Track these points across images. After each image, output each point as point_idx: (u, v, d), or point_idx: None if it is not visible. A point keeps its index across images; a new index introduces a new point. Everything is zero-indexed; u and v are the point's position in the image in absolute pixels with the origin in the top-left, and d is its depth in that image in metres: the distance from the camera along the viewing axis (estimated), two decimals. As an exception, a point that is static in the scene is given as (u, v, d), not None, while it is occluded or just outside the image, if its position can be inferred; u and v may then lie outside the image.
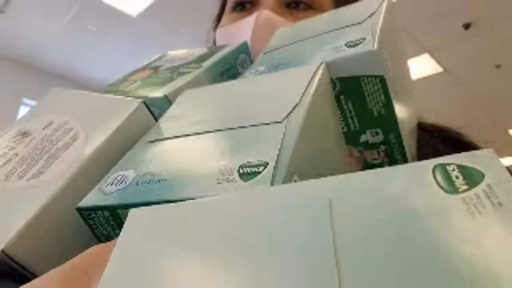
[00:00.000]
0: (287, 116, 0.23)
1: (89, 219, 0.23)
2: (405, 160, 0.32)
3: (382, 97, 0.30)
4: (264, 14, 0.50)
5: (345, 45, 0.30)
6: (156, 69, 0.44)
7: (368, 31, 0.31)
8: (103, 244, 0.19)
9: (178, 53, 0.49)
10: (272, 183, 0.18)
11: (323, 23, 0.37)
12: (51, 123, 0.32)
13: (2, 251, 0.23)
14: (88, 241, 0.25)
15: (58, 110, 0.33)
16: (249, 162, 0.20)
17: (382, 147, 0.32)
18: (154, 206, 0.17)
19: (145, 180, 0.22)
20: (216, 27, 0.63)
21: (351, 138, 0.32)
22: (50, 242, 0.25)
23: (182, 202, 0.17)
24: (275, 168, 0.19)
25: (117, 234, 0.23)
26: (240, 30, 0.52)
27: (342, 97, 0.30)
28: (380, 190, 0.15)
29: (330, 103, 0.29)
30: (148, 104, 0.31)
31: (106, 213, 0.22)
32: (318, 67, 0.28)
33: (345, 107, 0.31)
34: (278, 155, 0.20)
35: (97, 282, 0.15)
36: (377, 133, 0.31)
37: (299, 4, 0.53)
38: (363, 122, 0.31)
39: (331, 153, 0.28)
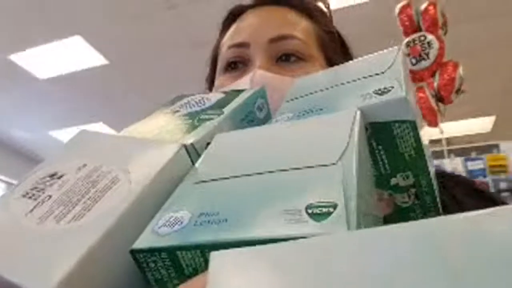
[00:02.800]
0: (340, 158, 0.24)
1: (142, 262, 0.23)
2: (435, 202, 0.33)
3: (413, 141, 0.31)
4: (258, 74, 0.51)
5: (374, 92, 0.31)
6: (173, 114, 0.45)
7: (393, 80, 0.32)
8: None
9: (192, 98, 0.49)
10: (348, 224, 0.19)
11: (341, 74, 0.39)
12: (84, 165, 0.32)
13: None
14: (136, 286, 0.25)
15: (90, 153, 0.33)
16: (316, 203, 0.20)
17: (412, 190, 0.33)
18: (236, 249, 0.17)
19: (203, 220, 0.22)
20: (210, 87, 0.64)
21: (381, 181, 0.33)
22: (97, 286, 0.24)
23: (265, 245, 0.17)
24: (346, 208, 0.20)
25: (173, 278, 0.22)
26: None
27: (373, 141, 0.31)
28: (478, 231, 0.15)
29: (367, 148, 0.30)
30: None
31: (163, 255, 0.22)
32: (356, 113, 0.30)
33: (376, 151, 0.32)
34: (344, 196, 0.20)
35: None
36: (407, 177, 0.32)
37: (290, 57, 0.55)
38: (394, 165, 0.32)
39: (370, 197, 0.29)
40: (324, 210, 0.20)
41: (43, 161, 0.36)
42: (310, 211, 0.20)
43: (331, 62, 0.58)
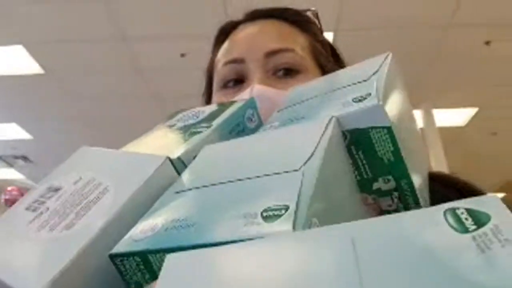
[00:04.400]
0: (303, 164, 0.25)
1: (120, 265, 0.24)
2: (418, 206, 0.33)
3: (390, 145, 0.31)
4: (256, 89, 0.52)
5: (353, 100, 0.32)
6: (170, 128, 0.47)
7: (373, 87, 0.33)
8: None
9: (190, 111, 0.51)
10: (294, 224, 0.20)
11: (330, 82, 0.40)
12: (80, 178, 0.34)
13: None
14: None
15: (86, 167, 0.36)
16: (271, 206, 0.22)
17: (395, 194, 0.33)
18: (189, 251, 0.19)
19: (174, 226, 0.24)
20: (207, 102, 0.65)
21: (365, 186, 0.33)
22: (82, 289, 0.26)
23: (214, 247, 0.18)
24: (295, 210, 0.21)
25: (147, 280, 0.24)
26: None
27: (353, 147, 0.32)
28: (398, 232, 0.17)
29: (342, 154, 0.31)
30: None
31: (137, 258, 0.24)
32: (330, 121, 0.31)
33: (356, 156, 0.32)
34: (298, 199, 0.22)
35: None
36: (388, 180, 0.33)
37: (287, 70, 0.55)
38: (375, 170, 0.33)
39: (347, 200, 0.30)
40: (276, 212, 0.21)
41: (47, 176, 0.38)
42: (265, 214, 0.21)
43: (324, 72, 0.58)
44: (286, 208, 0.21)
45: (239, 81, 0.57)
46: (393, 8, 2.74)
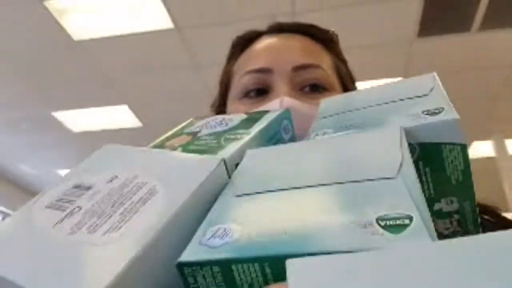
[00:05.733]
0: (398, 172, 0.23)
1: (190, 276, 0.21)
2: (477, 230, 0.32)
3: (462, 165, 0.30)
4: (287, 100, 0.50)
5: (424, 113, 0.31)
6: (194, 135, 0.44)
7: (441, 102, 0.32)
8: None
9: (211, 118, 0.48)
10: (429, 234, 0.17)
11: (379, 94, 0.38)
12: (115, 177, 0.31)
13: None
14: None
15: (120, 165, 0.32)
16: (387, 215, 0.19)
17: (456, 216, 0.31)
18: (312, 257, 0.16)
19: (258, 232, 0.21)
20: (219, 112, 0.61)
21: (425, 205, 0.31)
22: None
23: (344, 254, 0.16)
24: (422, 220, 0.18)
25: (223, 294, 0.21)
26: None
27: (421, 162, 0.30)
28: None
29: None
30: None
31: (215, 268, 0.20)
32: (401, 131, 0.29)
33: (423, 172, 0.30)
34: (416, 208, 0.19)
35: None
36: (452, 202, 0.31)
37: (315, 87, 0.54)
38: (440, 189, 0.31)
39: None
40: (399, 222, 0.18)
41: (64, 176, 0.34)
42: (382, 223, 0.19)
43: (346, 90, 0.57)
44: (409, 217, 0.19)
45: (262, 91, 0.54)
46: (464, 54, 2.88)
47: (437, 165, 0.30)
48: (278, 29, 0.61)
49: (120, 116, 3.59)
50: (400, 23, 2.56)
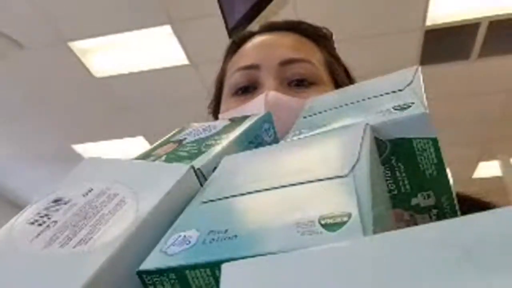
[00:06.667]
0: (351, 170, 0.23)
1: (150, 283, 0.21)
2: None
3: (434, 158, 0.29)
4: (272, 94, 0.50)
5: (393, 108, 0.30)
6: (179, 142, 0.44)
7: (413, 96, 0.31)
8: None
9: (199, 125, 0.49)
10: (364, 231, 0.17)
11: (358, 92, 0.38)
12: (91, 189, 0.31)
13: None
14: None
15: (96, 177, 0.32)
16: (329, 214, 0.19)
17: (434, 211, 0.31)
18: (247, 260, 0.16)
19: (212, 238, 0.21)
20: (214, 112, 0.63)
21: (401, 201, 0.31)
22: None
23: (278, 254, 0.16)
24: (360, 218, 0.18)
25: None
26: (250, 112, 0.52)
27: (393, 158, 0.30)
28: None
29: (378, 164, 0.29)
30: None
31: (172, 275, 0.20)
32: (365, 128, 0.28)
33: (396, 168, 0.30)
34: (358, 206, 0.19)
35: None
36: (428, 196, 0.31)
37: (302, 81, 0.54)
38: (415, 184, 0.30)
39: (385, 213, 0.28)
40: (338, 220, 0.18)
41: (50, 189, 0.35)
42: (323, 222, 0.19)
43: (337, 85, 0.57)
44: (348, 215, 0.18)
45: (251, 88, 0.55)
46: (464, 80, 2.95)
47: (410, 160, 0.30)
48: (270, 27, 0.62)
49: (136, 147, 3.68)
50: (402, 54, 2.65)
